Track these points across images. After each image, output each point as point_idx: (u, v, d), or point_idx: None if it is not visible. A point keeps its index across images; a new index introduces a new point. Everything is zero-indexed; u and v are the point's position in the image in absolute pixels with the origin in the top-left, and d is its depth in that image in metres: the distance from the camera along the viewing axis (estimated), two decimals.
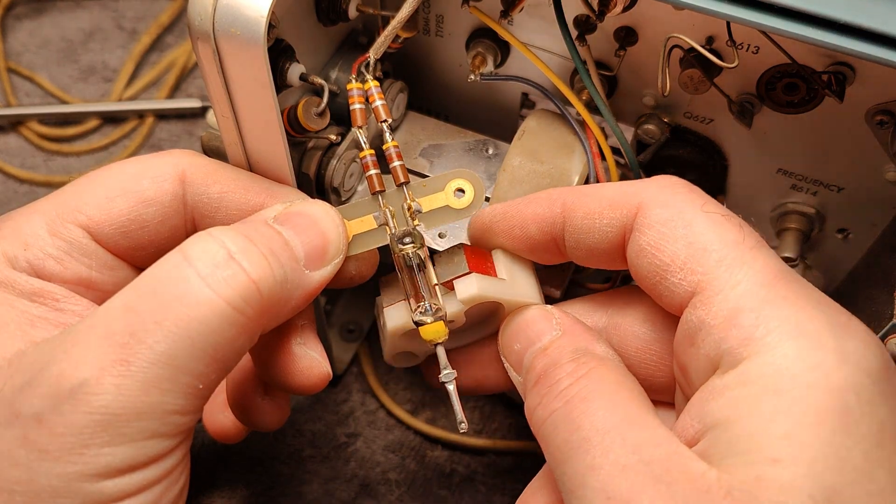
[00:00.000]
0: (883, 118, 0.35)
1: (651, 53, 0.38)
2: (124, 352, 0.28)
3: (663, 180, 0.32)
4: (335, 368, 0.51)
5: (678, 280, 0.30)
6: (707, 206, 0.31)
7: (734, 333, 0.28)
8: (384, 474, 0.49)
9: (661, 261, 0.30)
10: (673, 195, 0.31)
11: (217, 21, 0.30)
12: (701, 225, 0.30)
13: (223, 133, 0.35)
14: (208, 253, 0.29)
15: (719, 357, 0.29)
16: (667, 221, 0.31)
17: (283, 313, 0.32)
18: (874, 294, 0.38)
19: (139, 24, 0.66)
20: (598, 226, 0.32)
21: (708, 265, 0.29)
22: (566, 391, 0.30)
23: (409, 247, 0.34)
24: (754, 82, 0.37)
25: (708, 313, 0.29)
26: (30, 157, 0.61)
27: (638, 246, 0.31)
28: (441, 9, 0.42)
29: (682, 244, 0.30)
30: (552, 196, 0.34)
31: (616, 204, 0.32)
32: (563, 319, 0.34)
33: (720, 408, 0.28)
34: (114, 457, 0.28)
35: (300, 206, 0.33)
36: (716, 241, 0.30)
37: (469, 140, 0.44)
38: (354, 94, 0.35)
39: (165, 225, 0.34)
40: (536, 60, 0.39)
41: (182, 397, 0.29)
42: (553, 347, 0.33)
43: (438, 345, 0.34)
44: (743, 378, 0.28)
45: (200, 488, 0.48)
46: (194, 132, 0.62)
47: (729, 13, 0.31)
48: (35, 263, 0.32)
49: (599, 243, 0.33)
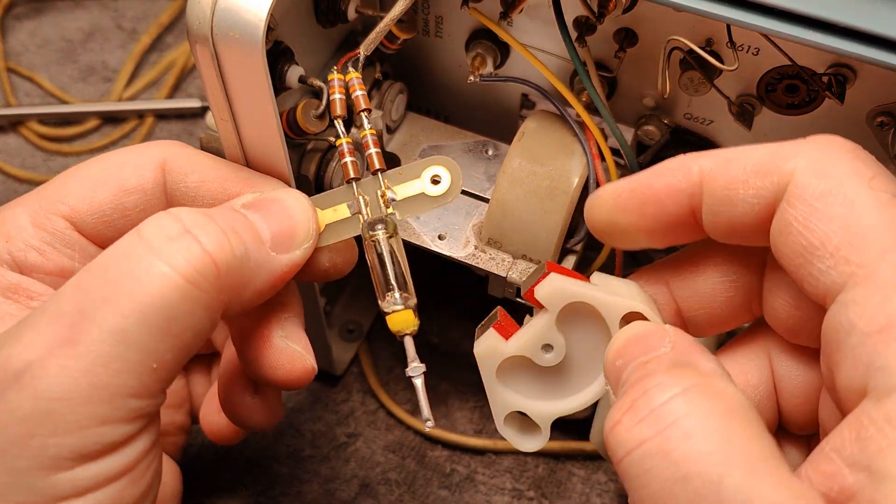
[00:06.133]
0: (883, 120, 0.35)
1: (651, 55, 0.38)
2: (72, 331, 0.26)
3: (825, 141, 0.27)
4: (335, 368, 0.51)
5: (827, 267, 0.25)
6: (876, 182, 0.25)
7: (893, 349, 0.23)
8: (384, 474, 0.49)
9: (808, 241, 0.25)
10: (835, 163, 0.26)
11: (216, 24, 0.30)
12: (864, 204, 0.25)
13: (222, 135, 0.34)
14: (162, 228, 0.28)
15: (874, 374, 0.23)
16: (823, 195, 0.25)
17: (247, 293, 0.31)
18: None
19: (139, 24, 0.66)
20: (743, 196, 0.27)
21: (866, 255, 0.24)
22: (659, 412, 0.24)
23: (380, 233, 0.33)
24: (754, 84, 0.37)
25: (861, 317, 0.24)
26: (30, 157, 0.61)
27: (784, 220, 0.26)
28: (441, 10, 0.42)
29: (837, 225, 0.25)
30: (686, 164, 0.29)
31: (764, 171, 0.27)
32: (679, 337, 0.28)
33: (890, 460, 0.22)
34: (61, 447, 0.26)
35: (270, 193, 0.33)
36: (880, 226, 0.25)
37: (469, 141, 0.44)
38: (335, 84, 0.35)
39: (147, 213, 0.33)
40: (536, 62, 0.39)
41: (134, 377, 0.27)
42: (653, 361, 0.27)
43: (406, 335, 0.33)
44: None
45: (200, 488, 0.48)
46: (194, 132, 0.62)
47: (728, 16, 0.31)
48: (17, 255, 0.32)
49: (744, 216, 0.28)
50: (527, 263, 0.41)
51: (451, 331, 0.53)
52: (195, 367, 0.44)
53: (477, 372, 0.37)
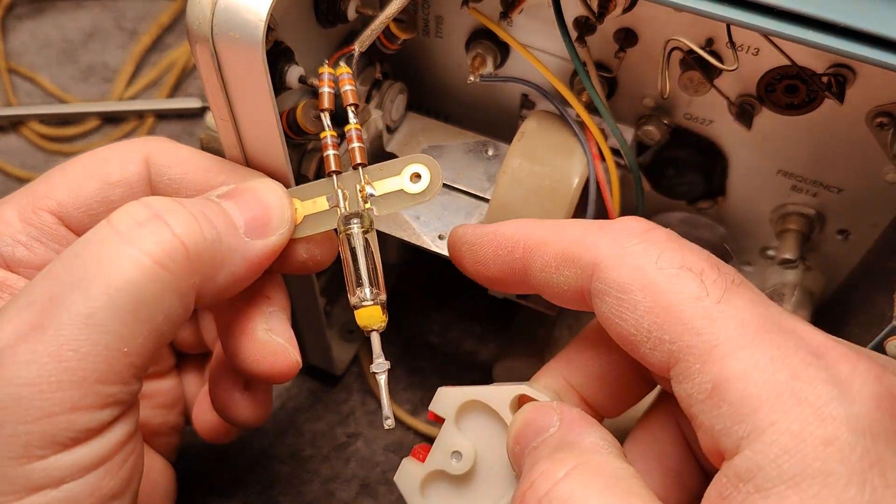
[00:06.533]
0: (883, 120, 0.35)
1: (651, 55, 0.38)
2: (41, 317, 0.26)
3: (619, 230, 0.29)
4: (335, 368, 0.51)
5: (650, 349, 0.27)
6: (662, 260, 0.27)
7: (724, 412, 0.25)
8: (384, 474, 0.49)
9: (625, 330, 0.27)
10: (626, 251, 0.28)
11: (215, 24, 0.30)
12: (658, 285, 0.27)
13: (221, 135, 0.35)
14: (131, 214, 0.29)
15: (719, 438, 0.25)
16: (623, 286, 0.27)
17: (221, 278, 0.31)
18: (874, 295, 0.38)
19: (139, 25, 0.66)
20: (556, 279, 0.30)
21: (675, 332, 0.26)
22: (544, 502, 0.26)
23: (354, 227, 0.33)
24: (754, 84, 0.37)
25: (692, 387, 0.26)
26: (30, 157, 0.61)
27: (600, 313, 0.28)
28: (441, 10, 0.42)
29: (642, 311, 0.27)
30: (515, 238, 0.32)
31: (572, 259, 0.29)
32: (565, 411, 0.30)
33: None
34: (31, 435, 0.25)
35: (244, 182, 0.33)
36: (676, 302, 0.26)
37: (469, 141, 0.44)
38: (325, 77, 0.35)
39: None
40: (536, 62, 0.39)
41: (103, 362, 0.26)
42: (541, 445, 0.29)
43: (373, 331, 0.33)
44: (748, 471, 0.24)
45: (200, 488, 0.48)
46: (194, 132, 0.62)
47: (728, 16, 0.30)
48: (5, 251, 0.32)
49: (562, 294, 0.30)
50: None
51: (451, 331, 0.53)
52: (188, 367, 0.44)
53: (477, 373, 0.37)
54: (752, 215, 0.44)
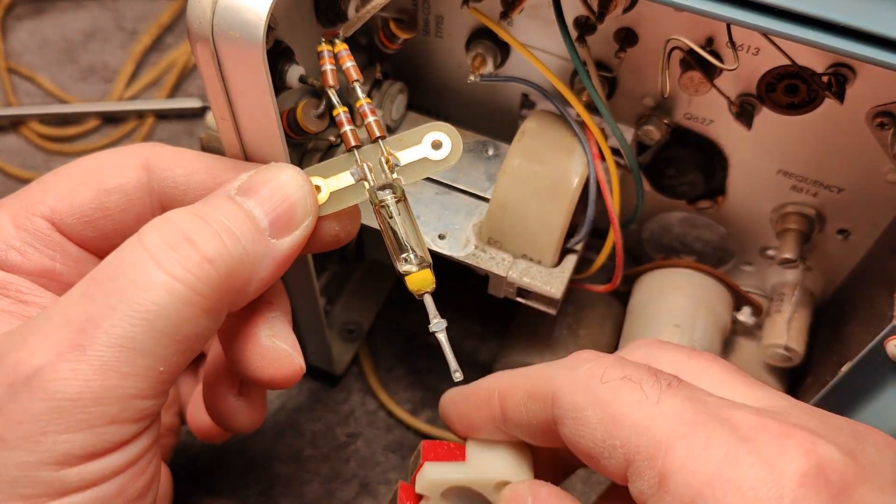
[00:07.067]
0: (883, 120, 0.35)
1: (651, 55, 0.38)
2: (80, 337, 0.27)
3: (572, 360, 0.32)
4: (335, 368, 0.51)
5: (607, 459, 0.29)
6: (607, 374, 0.30)
7: (669, 502, 0.27)
8: (384, 474, 0.49)
9: (586, 446, 0.30)
10: (577, 376, 0.31)
11: (216, 24, 0.30)
12: (604, 398, 0.29)
13: (222, 135, 0.35)
14: (163, 235, 0.29)
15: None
16: (576, 406, 0.30)
17: (251, 287, 0.31)
18: (874, 295, 0.38)
19: (139, 25, 0.66)
20: (527, 418, 0.32)
21: (623, 436, 0.29)
22: None
23: (389, 197, 0.33)
24: (754, 83, 0.37)
25: (643, 483, 0.28)
26: (30, 157, 0.61)
27: (564, 436, 0.31)
28: (441, 10, 0.42)
29: (594, 423, 0.29)
30: (491, 388, 0.34)
31: (536, 394, 0.32)
32: (537, 491, 0.32)
33: None
34: (73, 444, 0.27)
35: (264, 172, 0.33)
36: (621, 408, 0.29)
37: (469, 141, 0.44)
38: (325, 55, 0.35)
39: (129, 213, 0.34)
40: (536, 62, 0.39)
41: (142, 381, 0.28)
42: None
43: (426, 293, 0.34)
44: None
45: (200, 488, 0.48)
46: (194, 132, 0.62)
47: (729, 15, 0.30)
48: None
49: (535, 431, 0.33)
50: (527, 263, 0.41)
51: (451, 331, 0.52)
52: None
53: (477, 372, 0.37)
54: (752, 215, 0.44)
